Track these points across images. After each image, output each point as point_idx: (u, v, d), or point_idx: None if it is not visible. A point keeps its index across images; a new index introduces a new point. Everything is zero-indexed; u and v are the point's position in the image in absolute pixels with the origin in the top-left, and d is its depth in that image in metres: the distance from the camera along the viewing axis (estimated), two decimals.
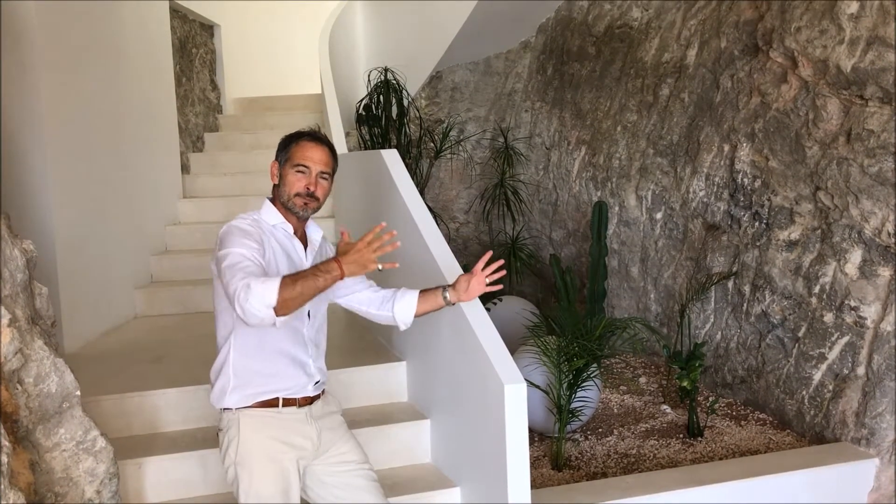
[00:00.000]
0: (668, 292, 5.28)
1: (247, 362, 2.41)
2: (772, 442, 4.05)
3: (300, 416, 2.45)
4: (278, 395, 2.42)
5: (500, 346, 3.01)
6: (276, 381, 2.42)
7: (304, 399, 2.47)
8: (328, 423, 2.54)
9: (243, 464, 2.38)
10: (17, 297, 2.54)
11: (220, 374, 2.44)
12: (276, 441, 2.40)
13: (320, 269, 2.19)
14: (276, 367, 2.42)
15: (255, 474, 2.37)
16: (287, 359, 2.44)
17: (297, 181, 2.44)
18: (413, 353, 3.81)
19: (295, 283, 2.14)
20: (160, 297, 5.32)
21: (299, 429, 2.44)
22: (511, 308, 5.41)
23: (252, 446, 2.38)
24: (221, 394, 2.43)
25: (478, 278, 2.59)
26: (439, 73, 7.24)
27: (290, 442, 2.42)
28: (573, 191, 6.30)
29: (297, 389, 2.45)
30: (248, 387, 2.40)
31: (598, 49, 6.20)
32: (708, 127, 4.97)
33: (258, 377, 2.41)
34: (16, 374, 2.47)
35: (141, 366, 4.01)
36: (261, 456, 2.38)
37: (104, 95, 4.93)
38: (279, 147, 2.53)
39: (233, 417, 2.41)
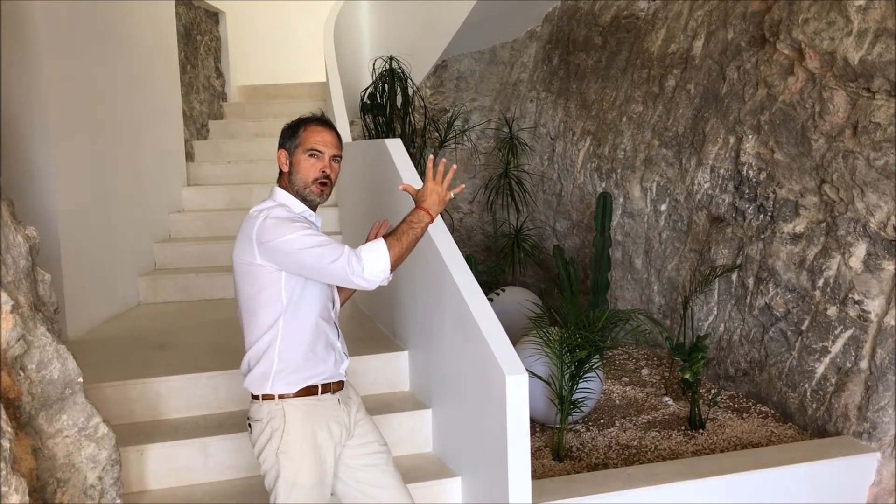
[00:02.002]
0: (672, 284, 5.27)
1: (294, 347, 2.38)
2: (773, 435, 4.05)
3: (334, 401, 2.46)
4: (318, 380, 2.41)
5: (502, 336, 3.01)
6: (319, 365, 2.41)
7: (337, 384, 2.48)
8: (354, 406, 2.55)
9: (287, 452, 2.36)
10: (19, 284, 2.54)
11: (262, 359, 2.39)
12: (320, 430, 2.40)
13: (413, 220, 2.35)
14: (319, 353, 2.42)
15: (299, 464, 2.36)
16: (325, 343, 2.45)
17: (311, 167, 2.42)
18: (415, 342, 3.81)
19: (400, 240, 2.30)
20: (163, 284, 5.33)
21: (335, 415, 2.44)
22: (514, 298, 5.40)
23: (299, 436, 2.36)
24: (263, 379, 2.39)
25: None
26: (444, 62, 7.21)
27: (330, 430, 2.42)
28: (578, 182, 6.29)
29: (332, 374, 2.46)
30: (294, 372, 2.38)
31: (605, 39, 6.17)
32: (714, 119, 4.95)
33: (304, 362, 2.39)
34: (18, 361, 2.47)
35: (144, 353, 4.01)
36: (306, 446, 2.37)
37: (108, 82, 4.92)
38: (285, 135, 2.50)
39: (276, 408, 2.38)
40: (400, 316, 4.05)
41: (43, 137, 4.10)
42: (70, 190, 4.33)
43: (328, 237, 2.34)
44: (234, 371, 3.59)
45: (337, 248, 2.29)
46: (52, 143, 4.15)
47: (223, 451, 3.28)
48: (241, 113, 7.91)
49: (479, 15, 6.38)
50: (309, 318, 2.40)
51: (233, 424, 3.40)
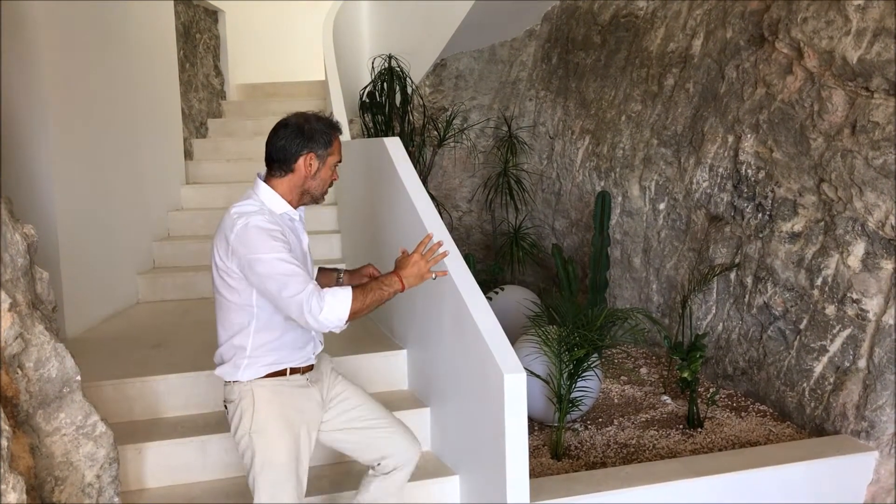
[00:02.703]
0: (671, 283, 5.27)
1: (264, 342, 2.47)
2: (772, 434, 4.05)
3: (303, 381, 2.55)
4: (286, 365, 2.51)
5: (501, 335, 3.01)
6: (288, 354, 2.52)
7: (307, 367, 2.58)
8: (326, 380, 2.66)
9: (259, 431, 2.45)
10: (17, 282, 2.54)
11: (234, 356, 2.49)
12: (288, 408, 2.49)
13: (384, 283, 2.36)
14: (290, 344, 2.51)
15: (271, 441, 2.45)
16: (298, 334, 2.53)
17: (331, 177, 2.54)
18: (413, 341, 3.81)
19: (365, 297, 2.32)
20: (162, 282, 5.33)
21: (304, 392, 2.54)
22: (512, 297, 5.40)
23: (268, 415, 2.45)
24: (234, 369, 2.49)
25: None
26: (443, 61, 7.21)
27: (300, 407, 2.52)
28: (576, 180, 6.29)
29: (302, 359, 2.55)
30: (262, 361, 2.48)
31: (604, 38, 6.17)
32: (712, 118, 4.95)
33: (273, 353, 2.49)
34: (16, 359, 2.47)
35: (142, 351, 4.01)
36: (276, 423, 2.46)
37: (107, 80, 4.92)
38: (316, 138, 2.48)
39: (245, 388, 2.48)
40: (398, 315, 4.05)
41: (42, 136, 4.10)
42: (69, 188, 4.33)
43: (295, 261, 2.35)
44: None
45: (301, 282, 2.31)
46: (52, 142, 4.14)
47: (221, 450, 3.28)
48: (240, 111, 7.91)
49: (479, 14, 6.37)
50: (279, 320, 2.47)
51: None
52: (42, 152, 4.11)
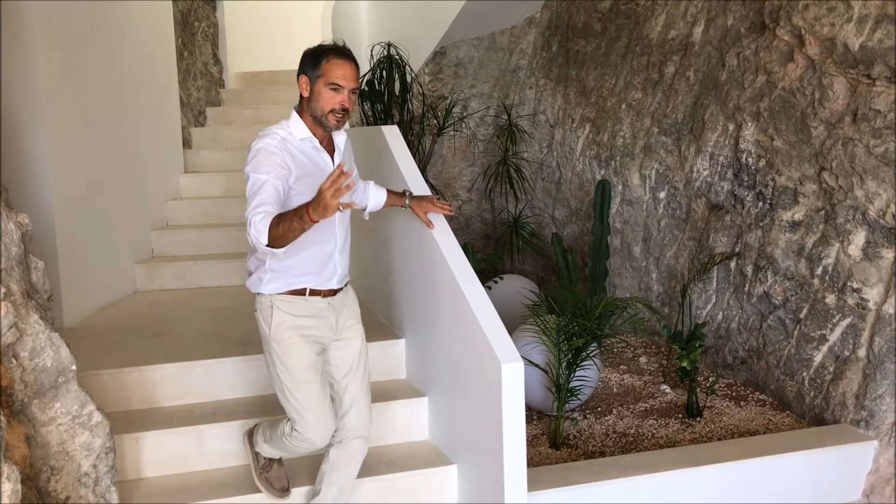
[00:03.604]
0: (671, 272, 5.25)
1: (283, 260, 2.68)
2: (771, 423, 4.04)
3: (323, 304, 2.78)
4: (306, 286, 2.74)
5: (498, 324, 3.00)
6: (306, 276, 2.73)
7: (328, 291, 2.80)
8: (345, 314, 2.89)
9: (278, 340, 2.71)
10: (11, 271, 2.52)
11: (258, 267, 2.74)
12: (306, 324, 2.74)
13: (296, 214, 2.37)
14: (307, 266, 2.73)
15: (289, 348, 2.71)
16: (318, 258, 2.74)
17: (331, 98, 2.61)
18: (412, 330, 3.80)
19: (278, 225, 2.39)
20: (161, 272, 5.31)
21: (322, 314, 2.77)
22: (512, 286, 5.39)
23: (286, 325, 2.71)
24: (258, 282, 2.74)
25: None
26: (443, 49, 7.16)
27: (314, 324, 2.76)
28: (577, 169, 6.26)
29: (322, 283, 2.77)
30: (282, 279, 2.71)
31: (604, 26, 6.13)
32: (713, 105, 4.92)
33: (291, 272, 2.72)
34: (11, 349, 2.46)
35: (140, 340, 4.00)
36: (290, 333, 2.71)
37: (104, 68, 4.89)
38: (307, 61, 2.65)
39: (266, 301, 2.74)
40: (396, 304, 4.04)
41: (38, 125, 4.07)
42: (66, 177, 4.31)
43: (278, 185, 2.52)
44: (230, 359, 3.59)
45: (254, 206, 2.48)
46: (48, 131, 4.12)
47: (218, 439, 3.28)
48: (238, 100, 7.87)
49: (478, 1, 6.32)
50: (298, 244, 2.57)
51: (228, 412, 3.40)
52: (38, 141, 4.09)
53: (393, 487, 3.22)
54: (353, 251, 5.14)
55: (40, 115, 4.07)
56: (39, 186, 4.11)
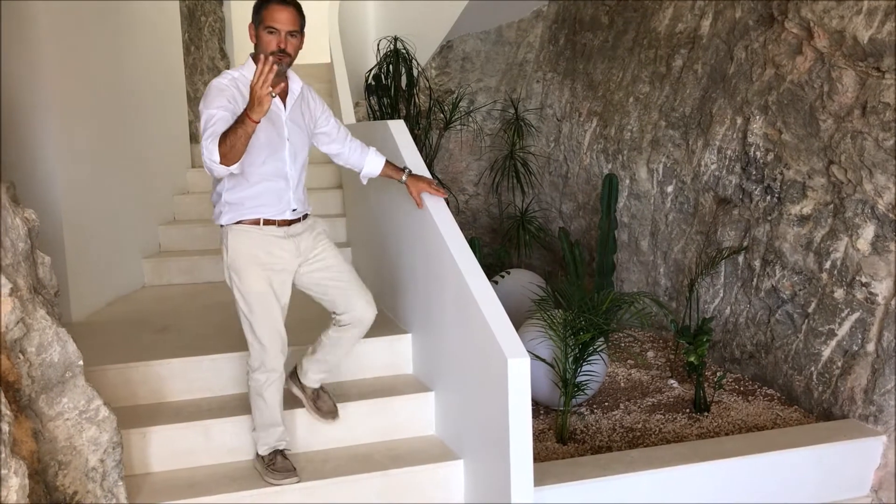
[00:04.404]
0: (678, 266, 5.23)
1: (236, 193, 2.91)
2: (779, 418, 4.03)
3: (280, 233, 2.97)
4: (260, 216, 2.93)
5: (504, 319, 2.99)
6: (259, 207, 2.93)
7: (283, 221, 2.98)
8: (307, 237, 3.07)
9: (234, 266, 2.94)
10: (18, 267, 2.53)
11: (217, 202, 2.98)
12: (256, 248, 2.93)
13: (239, 122, 2.56)
14: (260, 199, 2.92)
15: (243, 274, 2.92)
16: (271, 191, 2.94)
17: (269, 42, 2.80)
18: (418, 325, 3.80)
19: (225, 139, 2.57)
20: (168, 266, 5.32)
21: (277, 242, 2.97)
22: (519, 281, 5.38)
23: (238, 252, 2.92)
24: (218, 215, 2.97)
25: None
26: (450, 43, 7.15)
27: (270, 251, 2.95)
28: (584, 163, 6.24)
29: (276, 213, 2.96)
30: (237, 210, 2.92)
31: (611, 19, 6.10)
32: (721, 99, 4.89)
33: (246, 204, 2.92)
34: (18, 344, 2.47)
35: (147, 335, 4.01)
36: (246, 259, 2.92)
37: (111, 63, 4.90)
38: (253, 10, 2.86)
39: (224, 231, 2.97)
40: (402, 298, 4.03)
41: (44, 119, 4.08)
42: (72, 172, 4.31)
43: (228, 116, 2.67)
44: (236, 353, 3.59)
45: (209, 129, 2.67)
46: (54, 125, 4.13)
47: (225, 434, 3.28)
48: None
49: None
50: (249, 180, 2.89)
51: (235, 407, 3.40)
52: (45, 135, 4.09)
53: (399, 482, 3.22)
54: (361, 246, 5.16)
55: (46, 109, 4.08)
56: (46, 181, 4.12)
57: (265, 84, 2.47)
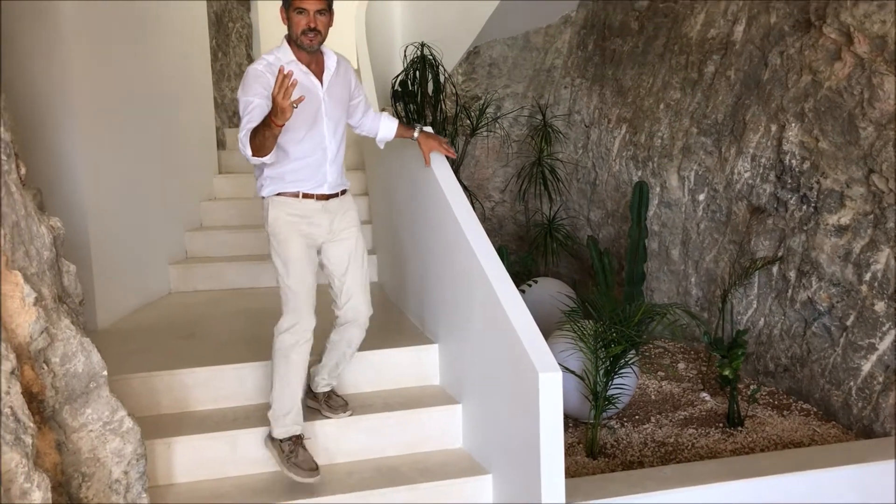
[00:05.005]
0: (710, 276, 5.12)
1: (277, 168, 3.06)
2: (816, 434, 3.91)
3: (317, 206, 3.12)
4: (299, 189, 3.08)
5: (535, 331, 2.92)
6: (298, 182, 3.08)
7: (321, 196, 3.13)
8: (339, 217, 3.19)
9: (273, 233, 3.09)
10: (43, 276, 2.50)
11: (260, 175, 3.13)
12: (294, 217, 3.08)
13: (264, 124, 2.71)
14: (299, 174, 3.07)
15: (282, 239, 3.08)
16: (309, 167, 3.08)
17: (299, 22, 2.95)
18: (445, 335, 3.73)
19: (255, 136, 2.77)
20: (194, 273, 5.30)
21: (314, 215, 3.11)
22: (547, 290, 5.30)
23: (280, 222, 3.08)
24: (260, 188, 3.13)
25: None
26: (477, 49, 7.09)
27: (307, 222, 3.10)
28: (613, 170, 6.15)
29: (313, 188, 3.10)
30: (276, 184, 3.08)
31: (642, 24, 6.01)
32: (755, 106, 4.79)
33: (285, 178, 3.07)
34: (42, 354, 2.44)
35: (172, 343, 3.98)
36: (288, 230, 3.08)
37: (138, 69, 4.89)
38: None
39: (266, 203, 3.12)
40: (429, 307, 3.97)
41: (71, 125, 4.07)
42: (99, 179, 4.30)
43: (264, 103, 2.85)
44: (262, 363, 3.55)
45: (243, 125, 2.87)
46: (81, 131, 4.12)
47: (251, 444, 3.24)
48: None
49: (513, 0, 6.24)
50: (290, 157, 3.04)
51: (260, 417, 3.35)
52: (72, 141, 4.09)
53: (426, 496, 3.15)
54: (386, 253, 5.11)
55: (73, 115, 4.07)
56: (73, 188, 4.11)
57: (286, 97, 2.57)
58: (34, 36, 3.93)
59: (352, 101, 3.29)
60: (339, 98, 3.15)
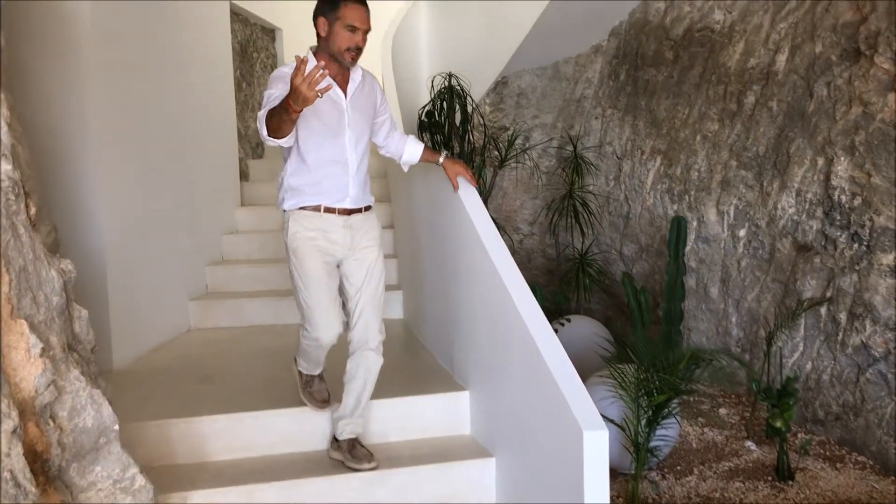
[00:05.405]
0: (752, 316, 4.88)
1: (298, 179, 3.04)
2: (874, 490, 3.65)
3: (338, 221, 3.08)
4: (320, 203, 3.05)
5: (577, 383, 2.71)
6: (319, 195, 3.05)
7: (343, 210, 3.09)
8: (363, 233, 3.15)
9: (292, 248, 3.05)
10: (51, 323, 2.33)
11: (281, 186, 3.11)
12: (314, 232, 3.04)
13: (281, 106, 2.65)
14: (320, 186, 3.04)
15: (301, 255, 3.04)
16: (330, 177, 3.04)
17: (348, 39, 2.92)
18: (477, 381, 3.52)
19: (271, 118, 2.73)
20: (215, 309, 5.14)
21: (335, 230, 3.07)
22: (580, 329, 5.08)
23: (300, 237, 3.04)
24: (281, 201, 3.11)
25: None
26: (505, 79, 6.94)
27: (327, 237, 3.06)
28: (647, 203, 5.94)
29: (335, 202, 3.07)
30: (298, 197, 3.05)
31: (676, 53, 5.83)
32: (799, 138, 4.57)
33: (305, 189, 3.04)
34: (48, 409, 2.26)
35: (190, 386, 3.80)
36: (308, 245, 3.04)
37: (160, 100, 4.77)
38: (326, 4, 2.94)
39: (286, 216, 3.09)
40: (459, 349, 3.77)
41: (90, 157, 3.94)
42: (118, 212, 4.16)
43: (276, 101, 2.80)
44: (283, 410, 3.37)
45: (265, 107, 2.84)
46: (99, 163, 3.98)
47: (270, 499, 3.03)
48: None
49: (542, 30, 6.10)
50: (311, 164, 3.01)
51: (281, 469, 3.16)
52: (90, 175, 3.95)
53: None
54: (413, 290, 4.92)
55: (92, 147, 3.94)
56: (91, 221, 3.97)
57: (311, 87, 2.51)
58: (54, 66, 3.81)
59: (377, 117, 3.26)
60: (363, 112, 3.13)
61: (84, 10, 3.85)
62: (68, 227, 3.83)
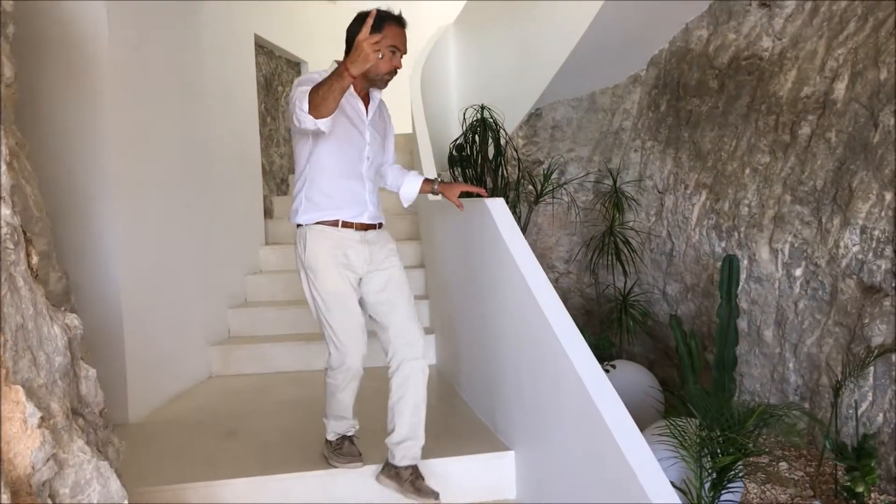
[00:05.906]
0: (812, 362, 4.52)
1: (316, 192, 2.94)
2: None
3: (356, 237, 2.98)
4: (338, 218, 2.95)
5: (644, 448, 2.39)
6: (338, 208, 2.95)
7: (360, 225, 3.00)
8: (381, 247, 3.06)
9: (311, 266, 2.94)
10: (53, 387, 2.06)
11: (296, 198, 3.00)
12: (333, 248, 2.93)
13: (334, 74, 2.52)
14: (338, 198, 2.95)
15: (321, 273, 2.92)
16: (348, 192, 2.96)
17: (388, 61, 2.86)
18: (524, 440, 3.20)
19: (318, 89, 2.57)
20: (237, 354, 4.87)
21: (353, 245, 2.97)
22: (627, 376, 4.74)
23: (318, 253, 2.92)
24: (295, 213, 2.99)
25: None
26: (539, 111, 6.69)
27: (346, 253, 2.95)
28: (692, 240, 5.61)
29: (353, 216, 2.97)
30: (316, 210, 2.95)
31: (721, 83, 5.54)
32: (863, 171, 4.25)
33: (323, 202, 2.94)
34: (47, 486, 1.98)
35: (209, 443, 3.51)
36: (326, 261, 2.92)
37: (182, 135, 4.55)
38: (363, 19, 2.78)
39: (302, 231, 2.97)
40: (502, 404, 3.45)
41: (107, 197, 3.71)
42: (135, 253, 3.92)
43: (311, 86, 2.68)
44: (310, 473, 3.07)
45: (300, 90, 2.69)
46: (117, 202, 3.75)
47: None
48: None
49: (577, 60, 5.84)
50: (328, 174, 2.93)
51: None
52: (107, 215, 3.72)
53: None
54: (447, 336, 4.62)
55: (109, 184, 3.71)
56: (107, 262, 3.73)
57: (374, 47, 2.42)
58: (69, 103, 3.60)
59: (385, 141, 3.21)
60: (379, 131, 3.10)
61: (102, 40, 3.64)
62: (82, 270, 3.59)
